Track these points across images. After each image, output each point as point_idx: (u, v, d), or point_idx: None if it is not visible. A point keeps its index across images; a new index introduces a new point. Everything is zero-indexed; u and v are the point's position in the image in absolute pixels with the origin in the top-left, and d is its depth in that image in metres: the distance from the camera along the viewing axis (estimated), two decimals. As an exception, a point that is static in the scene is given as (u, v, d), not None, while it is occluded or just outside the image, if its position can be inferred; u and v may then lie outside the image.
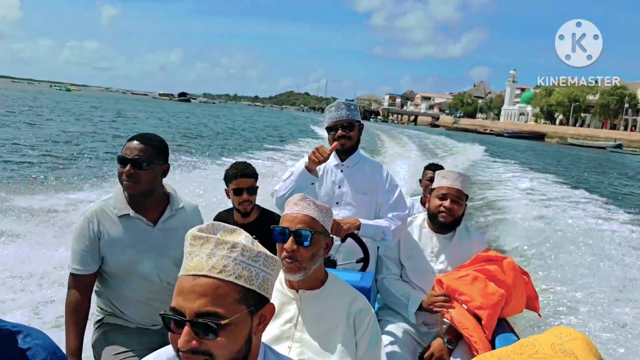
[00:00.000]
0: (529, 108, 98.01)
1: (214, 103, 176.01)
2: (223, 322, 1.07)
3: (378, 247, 2.89)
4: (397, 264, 2.81)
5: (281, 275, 1.91)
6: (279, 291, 1.90)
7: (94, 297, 2.29)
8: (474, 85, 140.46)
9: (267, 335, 1.79)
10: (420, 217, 2.91)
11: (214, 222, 1.21)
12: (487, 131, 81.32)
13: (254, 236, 1.23)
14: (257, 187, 3.06)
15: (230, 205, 3.16)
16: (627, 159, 45.40)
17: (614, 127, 79.32)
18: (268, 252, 1.20)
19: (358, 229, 2.66)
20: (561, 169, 26.12)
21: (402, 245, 2.81)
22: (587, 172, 27.15)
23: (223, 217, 3.16)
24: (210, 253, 1.11)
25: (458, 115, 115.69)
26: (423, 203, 4.27)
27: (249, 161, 3.44)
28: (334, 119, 2.82)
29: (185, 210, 2.34)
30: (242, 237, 1.18)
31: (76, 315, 2.18)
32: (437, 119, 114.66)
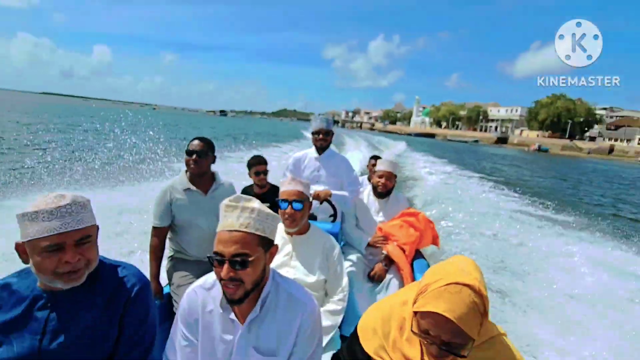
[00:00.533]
0: (427, 119, 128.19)
1: (240, 117, 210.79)
2: (250, 259, 1.30)
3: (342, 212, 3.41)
4: (354, 217, 3.25)
5: (281, 227, 2.28)
6: (281, 237, 2.29)
7: (167, 241, 2.68)
8: (395, 105, 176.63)
9: (273, 264, 2.12)
10: (368, 189, 3.38)
11: (238, 195, 1.42)
12: (403, 133, 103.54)
13: (267, 204, 1.51)
14: (268, 170, 3.69)
15: (250, 182, 3.76)
16: (480, 148, 62.06)
17: (475, 129, 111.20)
18: (273, 213, 1.41)
19: (330, 196, 3.21)
20: (447, 154, 34.69)
21: (357, 206, 3.31)
22: (460, 154, 37.58)
23: (247, 190, 3.67)
24: (239, 215, 1.33)
25: (386, 123, 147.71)
26: (369, 179, 4.71)
27: (261, 153, 4.25)
28: (318, 127, 3.38)
29: (224, 185, 2.74)
30: (257, 204, 1.40)
31: (156, 253, 2.58)
32: (374, 125, 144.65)
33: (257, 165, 3.68)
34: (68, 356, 1.30)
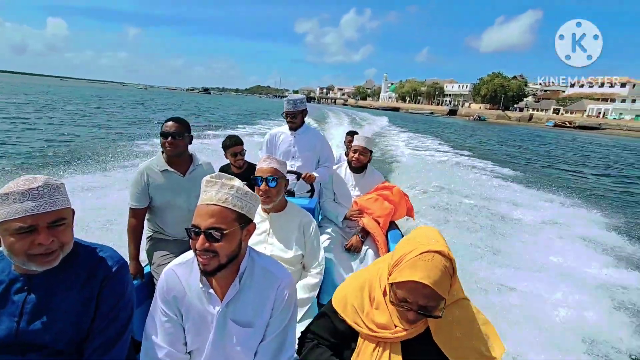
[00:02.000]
0: (393, 94, 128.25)
1: (221, 94, 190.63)
2: (225, 232, 1.22)
3: (320, 184, 3.17)
4: (331, 192, 3.05)
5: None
6: (258, 214, 2.08)
7: (145, 222, 2.42)
8: (366, 81, 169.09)
9: (251, 242, 1.77)
10: (344, 164, 3.16)
11: (219, 172, 1.34)
12: (372, 107, 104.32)
13: (245, 183, 1.35)
14: (245, 150, 3.32)
15: (227, 161, 3.41)
16: (435, 119, 64.35)
17: (434, 104, 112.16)
18: (252, 192, 1.32)
19: (314, 180, 2.97)
20: (408, 124, 36.61)
21: (334, 180, 3.08)
22: (418, 124, 39.56)
23: (225, 169, 3.36)
24: (218, 190, 1.24)
25: (358, 98, 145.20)
26: (346, 154, 4.44)
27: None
28: (285, 109, 3.09)
29: (202, 166, 2.45)
30: (237, 182, 1.31)
31: (134, 235, 2.32)
32: (346, 101, 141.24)
33: (234, 146, 3.29)
34: (45, 338, 1.19)
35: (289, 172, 2.77)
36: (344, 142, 4.88)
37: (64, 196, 1.19)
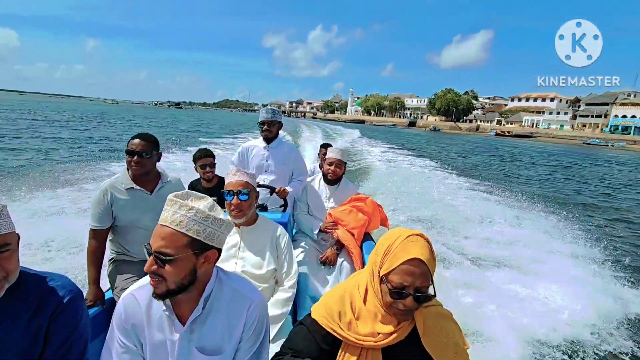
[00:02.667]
0: (359, 108, 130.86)
1: (192, 108, 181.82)
2: (170, 257, 1.07)
3: (294, 197, 2.96)
4: (305, 205, 2.89)
5: (228, 218, 1.98)
6: None
7: (108, 243, 2.18)
8: (333, 96, 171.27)
9: (220, 257, 1.89)
10: (319, 176, 2.99)
11: (188, 190, 1.17)
12: (340, 120, 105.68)
13: (214, 198, 1.24)
14: (215, 163, 3.05)
15: (198, 176, 3.11)
16: (397, 130, 65.79)
17: (396, 116, 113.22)
18: (218, 216, 1.14)
19: (287, 194, 2.78)
20: (376, 134, 37.82)
21: (308, 193, 2.90)
22: (385, 134, 40.98)
23: (194, 184, 3.09)
24: (175, 211, 1.10)
25: (326, 112, 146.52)
26: (320, 167, 4.27)
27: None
28: (263, 118, 2.87)
29: (171, 182, 2.24)
30: (203, 203, 1.13)
31: (95, 257, 2.07)
32: (315, 114, 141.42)
33: (203, 158, 3.01)
34: None
35: (262, 186, 2.60)
36: (318, 154, 4.69)
37: (7, 220, 1.04)
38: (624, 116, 63.49)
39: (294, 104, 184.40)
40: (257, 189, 2.53)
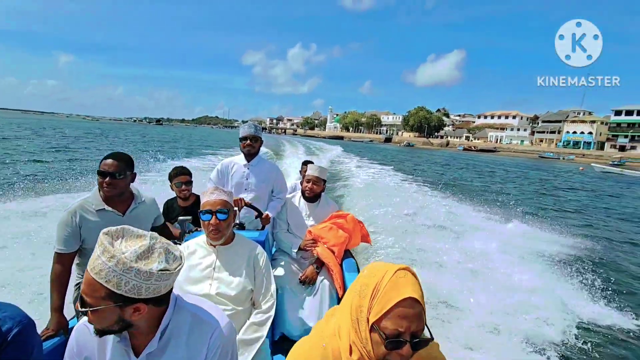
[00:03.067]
0: (338, 125, 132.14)
1: (172, 125, 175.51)
2: (92, 308, 0.96)
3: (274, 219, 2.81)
4: (285, 222, 2.77)
5: (204, 237, 1.82)
6: (202, 247, 1.81)
7: (74, 268, 1.99)
8: (313, 113, 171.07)
9: (194, 277, 1.73)
10: (298, 193, 2.88)
11: (125, 226, 1.01)
12: (319, 136, 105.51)
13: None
14: (192, 180, 2.88)
15: (175, 195, 2.94)
16: (374, 146, 66.69)
17: (373, 132, 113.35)
18: (145, 268, 0.96)
19: (269, 219, 2.65)
20: (355, 150, 38.15)
21: (288, 210, 2.78)
22: (363, 150, 40.90)
23: (170, 203, 2.92)
24: (98, 256, 0.96)
25: (306, 128, 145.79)
26: (301, 184, 4.27)
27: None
28: (245, 133, 2.73)
29: (145, 203, 2.08)
30: (130, 250, 0.96)
31: (59, 283, 1.88)
32: (296, 131, 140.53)
33: (179, 176, 2.85)
34: None
35: (250, 206, 2.46)
36: (300, 171, 4.56)
37: None
38: (574, 132, 69.01)
39: (275, 121, 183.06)
40: (243, 208, 2.39)
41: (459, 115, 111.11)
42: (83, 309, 0.95)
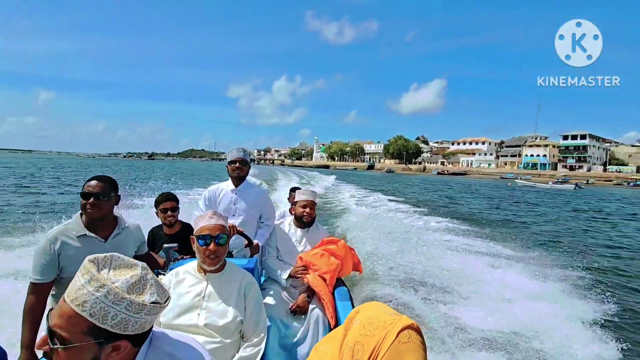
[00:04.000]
0: (324, 154, 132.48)
1: (163, 159, 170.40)
2: (65, 345, 0.78)
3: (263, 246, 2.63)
4: (275, 249, 2.60)
5: (193, 264, 1.70)
6: (192, 275, 1.67)
7: (50, 299, 1.77)
8: (299, 144, 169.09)
9: (182, 306, 1.59)
10: (289, 219, 2.72)
11: (113, 254, 0.87)
12: (307, 166, 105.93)
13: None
14: (178, 207, 2.67)
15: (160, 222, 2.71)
16: (358, 173, 67.25)
17: (357, 160, 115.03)
18: (138, 300, 0.83)
19: (259, 248, 2.49)
20: (343, 176, 41.02)
21: (278, 236, 2.62)
22: (345, 175, 43.52)
23: (156, 230, 2.71)
24: (82, 285, 0.79)
25: (293, 159, 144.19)
26: (290, 211, 3.97)
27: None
28: (234, 157, 2.58)
29: (129, 229, 1.91)
30: (123, 279, 0.82)
31: (33, 316, 1.66)
32: (283, 161, 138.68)
33: (165, 202, 2.63)
34: None
35: (240, 233, 2.30)
36: (288, 199, 4.34)
37: None
38: (532, 155, 73.74)
39: (262, 152, 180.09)
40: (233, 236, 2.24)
41: (437, 142, 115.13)
42: (55, 347, 0.77)
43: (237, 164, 2.55)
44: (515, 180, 44.47)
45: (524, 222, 11.19)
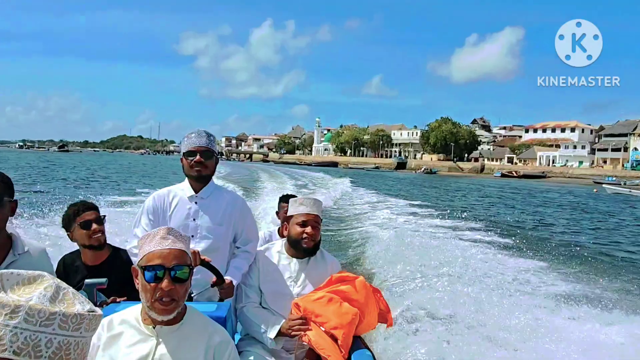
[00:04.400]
0: (330, 145, 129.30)
1: (80, 151, 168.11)
2: None
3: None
4: (257, 291, 2.61)
5: (135, 311, 1.72)
6: (133, 328, 1.69)
7: None
8: (292, 128, 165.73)
9: None
10: (278, 244, 2.75)
11: (4, 271, 0.95)
12: (302, 163, 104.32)
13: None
14: (104, 215, 2.71)
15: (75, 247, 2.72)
16: (380, 173, 72.44)
17: (381, 155, 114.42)
18: (69, 311, 0.93)
19: (232, 285, 2.45)
20: (360, 178, 41.96)
21: (261, 272, 2.63)
22: (363, 177, 45.16)
23: (71, 260, 2.72)
24: None
25: (283, 151, 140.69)
26: (281, 231, 3.92)
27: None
28: (194, 145, 2.56)
29: (30, 255, 1.99)
30: (42, 287, 0.93)
31: None
32: (267, 155, 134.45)
33: (83, 212, 2.64)
34: None
35: (204, 265, 2.33)
36: (277, 212, 4.34)
37: None
38: None
39: (234, 141, 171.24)
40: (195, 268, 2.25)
41: (504, 128, 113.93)
42: None
43: (198, 156, 2.54)
44: (604, 186, 43.65)
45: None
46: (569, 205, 25.75)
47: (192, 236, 2.55)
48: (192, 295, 2.38)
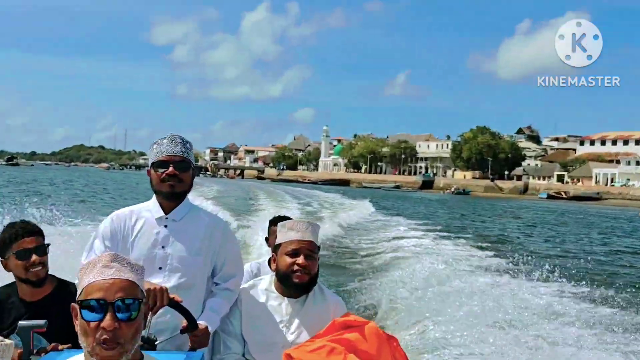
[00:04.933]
0: (340, 159, 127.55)
1: (31, 165, 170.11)
2: None
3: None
4: (239, 340, 2.59)
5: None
6: None
7: None
8: (294, 138, 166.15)
9: None
10: (266, 280, 2.74)
11: None
12: (306, 181, 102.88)
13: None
14: (48, 244, 2.68)
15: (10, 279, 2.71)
16: (401, 193, 76.10)
17: (403, 172, 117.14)
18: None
19: (207, 332, 2.41)
20: (378, 199, 42.55)
21: (245, 316, 2.60)
22: (377, 199, 43.60)
23: (3, 295, 2.67)
24: None
25: (281, 167, 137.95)
26: (270, 263, 3.95)
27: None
28: (166, 153, 2.53)
29: None
30: None
31: None
32: (263, 172, 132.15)
33: (24, 236, 2.60)
34: None
35: (174, 305, 2.31)
36: (266, 238, 4.29)
37: None
38: None
39: (221, 154, 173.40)
40: (160, 309, 2.29)
41: (556, 139, 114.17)
42: None
43: (170, 168, 2.52)
44: None
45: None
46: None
47: (160, 268, 2.54)
48: (157, 342, 2.32)
